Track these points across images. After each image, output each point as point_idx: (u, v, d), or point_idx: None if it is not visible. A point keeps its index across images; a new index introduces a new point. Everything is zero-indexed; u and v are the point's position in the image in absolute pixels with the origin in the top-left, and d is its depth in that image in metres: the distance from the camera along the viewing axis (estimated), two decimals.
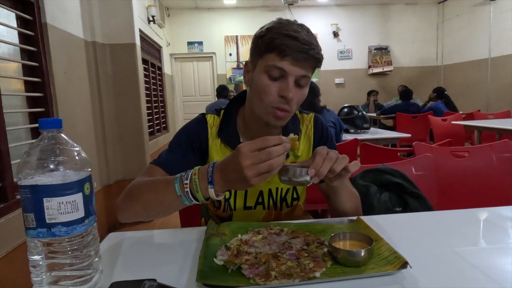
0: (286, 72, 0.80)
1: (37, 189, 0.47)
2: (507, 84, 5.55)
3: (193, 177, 0.68)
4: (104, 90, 2.95)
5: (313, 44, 0.80)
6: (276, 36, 0.79)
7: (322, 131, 1.01)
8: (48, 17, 2.11)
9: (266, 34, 0.82)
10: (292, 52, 0.78)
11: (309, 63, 0.81)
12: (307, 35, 0.80)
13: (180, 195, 0.69)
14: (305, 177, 0.69)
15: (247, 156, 0.62)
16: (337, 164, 0.70)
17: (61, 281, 0.49)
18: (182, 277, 0.60)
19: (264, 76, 0.82)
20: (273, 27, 0.82)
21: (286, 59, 0.79)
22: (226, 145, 0.94)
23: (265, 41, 0.81)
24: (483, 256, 0.65)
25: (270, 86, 0.82)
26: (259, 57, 0.84)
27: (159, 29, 5.90)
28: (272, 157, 0.62)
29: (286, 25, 0.81)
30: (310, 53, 0.79)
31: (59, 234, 0.48)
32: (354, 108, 3.04)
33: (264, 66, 0.82)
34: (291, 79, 0.81)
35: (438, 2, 7.24)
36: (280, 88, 0.81)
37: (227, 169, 0.65)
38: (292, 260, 0.61)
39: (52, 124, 0.49)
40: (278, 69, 0.80)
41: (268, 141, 0.63)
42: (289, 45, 0.78)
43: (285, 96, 0.81)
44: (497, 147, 1.49)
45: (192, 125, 0.97)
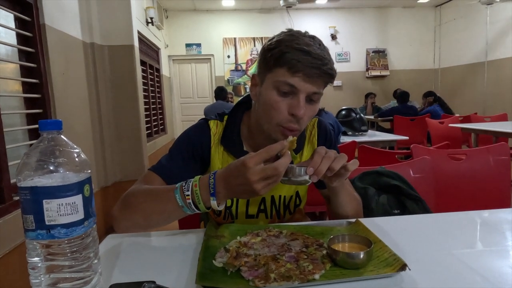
0: (297, 89, 0.76)
1: (36, 190, 0.47)
2: (503, 87, 5.59)
3: (194, 189, 0.67)
4: (102, 92, 2.94)
5: (326, 59, 0.76)
6: (287, 49, 0.75)
7: (326, 136, 0.99)
8: (47, 18, 2.11)
9: (275, 47, 0.77)
10: (304, 68, 0.74)
11: (321, 79, 0.77)
12: (319, 49, 0.76)
13: (182, 206, 0.68)
14: (304, 176, 0.68)
15: (255, 171, 0.62)
16: (336, 163, 0.70)
17: (60, 283, 0.49)
18: (181, 279, 0.60)
19: (273, 92, 0.78)
20: (283, 39, 0.77)
21: (298, 75, 0.75)
22: (229, 153, 0.92)
23: (275, 55, 0.76)
24: (481, 258, 0.65)
25: (279, 103, 0.78)
26: (268, 71, 0.79)
27: (158, 31, 5.90)
28: (279, 172, 0.63)
29: (298, 37, 0.76)
30: (323, 68, 0.75)
31: (58, 236, 0.48)
32: (352, 110, 3.05)
33: (273, 81, 0.78)
34: (302, 96, 0.76)
35: (435, 5, 7.29)
36: (290, 105, 0.77)
37: (233, 182, 0.65)
38: (291, 262, 0.61)
39: (52, 126, 0.49)
40: (289, 85, 0.76)
41: (272, 151, 0.64)
42: (300, 60, 0.74)
43: (295, 114, 0.77)
44: (494, 150, 1.50)
45: (194, 132, 0.94)
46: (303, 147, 0.96)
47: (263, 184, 0.63)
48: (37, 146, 0.49)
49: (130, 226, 0.77)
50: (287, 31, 0.81)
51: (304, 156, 0.96)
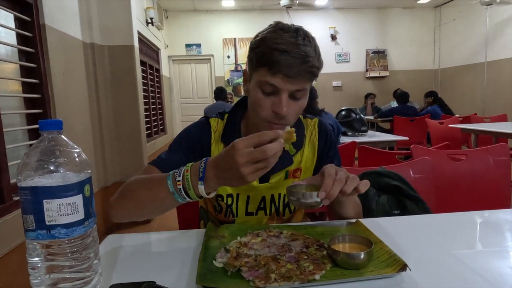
0: (278, 88, 0.78)
1: (37, 190, 0.47)
2: (503, 88, 5.60)
3: (185, 174, 0.66)
4: (102, 92, 2.94)
5: (307, 56, 0.75)
6: (267, 50, 0.76)
7: (327, 137, 1.00)
8: (47, 18, 2.11)
9: (258, 47, 0.79)
10: (283, 68, 0.75)
11: (303, 77, 0.77)
12: (302, 45, 0.76)
13: (173, 192, 0.67)
14: (315, 199, 0.67)
15: (242, 153, 0.60)
16: (348, 186, 0.68)
17: (60, 283, 0.49)
18: (181, 280, 0.60)
19: (258, 91, 0.80)
20: (265, 38, 0.78)
21: (278, 75, 0.76)
22: None
23: (257, 55, 0.79)
24: (481, 259, 0.65)
25: (263, 101, 0.80)
26: (254, 70, 0.82)
27: (158, 31, 5.91)
28: (267, 155, 0.60)
29: (279, 35, 0.77)
30: (303, 67, 0.75)
31: (58, 236, 0.48)
32: (352, 111, 3.05)
33: (257, 80, 0.80)
34: (284, 95, 0.78)
35: (435, 6, 7.30)
36: (273, 103, 0.79)
37: (221, 166, 0.63)
38: (291, 263, 0.61)
39: (53, 126, 0.49)
40: (270, 85, 0.78)
41: (264, 137, 0.62)
42: (279, 61, 0.75)
43: (278, 112, 0.79)
44: (494, 150, 1.50)
45: (195, 128, 0.95)
46: (303, 146, 0.97)
47: (251, 168, 0.60)
48: (37, 146, 0.49)
49: (124, 214, 0.76)
50: (273, 25, 0.81)
51: (305, 156, 0.96)
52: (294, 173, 0.96)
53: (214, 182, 0.65)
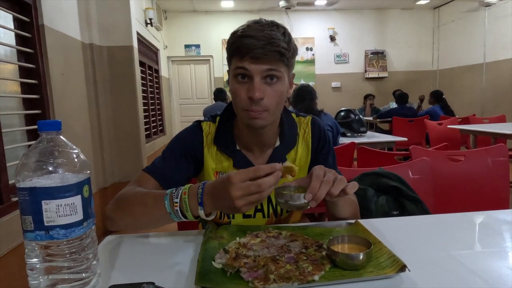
0: (249, 71, 0.79)
1: (35, 191, 0.46)
2: (502, 89, 5.61)
3: (183, 197, 0.68)
4: (101, 92, 2.94)
5: (272, 38, 0.78)
6: (234, 39, 0.81)
7: (320, 134, 0.99)
8: (46, 19, 2.11)
9: (229, 40, 0.83)
10: (249, 51, 0.77)
11: (270, 57, 0.78)
12: (269, 30, 0.78)
13: (170, 212, 0.69)
14: (302, 200, 0.67)
15: (238, 187, 0.63)
16: (335, 188, 0.69)
17: (58, 284, 0.49)
18: (180, 280, 0.60)
19: (234, 80, 0.83)
20: (235, 31, 0.82)
21: (245, 58, 0.79)
22: (222, 153, 0.93)
23: (228, 47, 0.83)
24: (480, 259, 0.65)
25: (239, 89, 0.82)
26: (229, 64, 0.86)
27: (157, 31, 5.91)
28: (262, 189, 0.62)
29: (248, 26, 0.81)
30: (268, 47, 0.77)
31: (57, 236, 0.48)
32: (351, 111, 3.06)
33: (232, 70, 0.83)
34: (256, 78, 0.79)
35: (434, 7, 7.32)
36: (248, 89, 0.81)
37: (217, 195, 0.66)
38: (290, 263, 0.61)
39: (52, 126, 0.49)
40: (241, 69, 0.80)
41: (260, 171, 0.64)
42: (244, 45, 0.78)
43: (251, 97, 0.79)
44: (492, 151, 1.50)
45: (187, 134, 0.96)
46: (296, 145, 0.96)
47: (245, 201, 0.63)
48: (36, 147, 0.49)
49: (121, 226, 0.80)
50: (248, 21, 0.84)
51: (299, 154, 0.96)
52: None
53: (210, 207, 0.68)
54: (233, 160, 0.92)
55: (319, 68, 7.30)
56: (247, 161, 0.92)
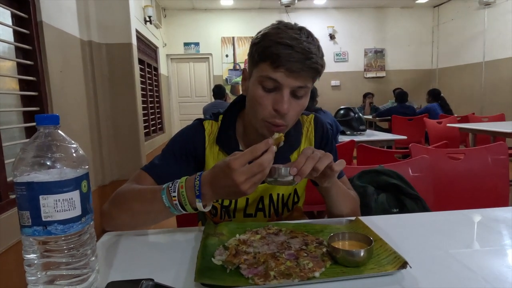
0: (280, 84, 0.75)
1: (33, 186, 0.46)
2: (501, 87, 5.61)
3: (180, 190, 0.67)
4: (100, 90, 2.93)
5: (311, 53, 0.73)
6: (270, 44, 0.74)
7: (323, 132, 0.98)
8: (44, 15, 2.09)
9: (260, 42, 0.76)
10: (286, 63, 0.72)
11: (306, 74, 0.75)
12: (306, 42, 0.74)
13: (169, 207, 0.68)
14: (289, 177, 0.67)
15: (240, 172, 0.61)
16: (320, 163, 0.69)
17: (56, 281, 0.49)
18: (179, 277, 0.59)
19: (259, 87, 0.77)
20: (268, 33, 0.76)
21: (280, 70, 0.73)
22: (225, 153, 0.91)
23: (259, 49, 0.76)
24: (478, 258, 0.65)
25: (263, 98, 0.77)
26: (254, 66, 0.79)
27: (156, 29, 5.89)
28: (264, 167, 0.62)
29: (283, 31, 0.75)
30: (307, 63, 0.73)
31: (55, 232, 0.47)
32: (351, 110, 3.05)
33: (258, 76, 0.77)
34: (286, 91, 0.75)
35: (434, 6, 7.31)
36: (274, 100, 0.76)
37: (219, 184, 0.64)
38: (291, 260, 0.61)
39: (49, 120, 0.49)
40: (272, 80, 0.75)
41: (257, 151, 0.63)
42: (282, 55, 0.72)
43: (279, 110, 0.76)
44: (492, 149, 1.50)
45: (188, 132, 0.93)
46: (300, 144, 0.95)
47: (250, 183, 0.62)
48: (33, 141, 0.49)
49: (118, 224, 0.78)
50: (276, 23, 0.79)
51: None
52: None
53: (210, 197, 0.67)
54: None
55: None
56: (250, 161, 0.90)
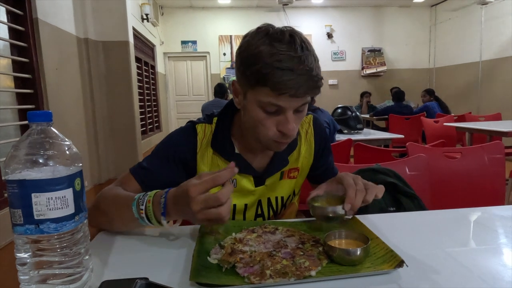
0: (283, 108, 0.72)
1: (25, 184, 0.45)
2: (497, 87, 5.63)
3: (147, 205, 0.67)
4: (96, 88, 2.91)
5: (312, 70, 0.69)
6: (268, 69, 0.68)
7: (321, 134, 0.98)
8: (40, 12, 2.08)
9: (254, 64, 0.69)
10: (290, 89, 0.68)
11: (311, 94, 0.72)
12: (304, 56, 0.68)
13: (137, 218, 0.69)
14: (340, 212, 0.71)
15: (197, 201, 0.60)
16: (369, 195, 0.72)
17: (49, 280, 0.48)
18: (175, 276, 0.59)
19: (259, 110, 0.74)
20: (261, 53, 0.69)
21: (283, 97, 0.69)
22: (219, 156, 0.88)
23: (255, 73, 0.70)
24: (474, 256, 0.65)
25: (266, 121, 0.74)
26: (250, 87, 0.74)
27: (153, 27, 5.86)
28: (221, 202, 0.59)
29: (277, 50, 0.68)
30: (310, 84, 0.69)
31: (47, 231, 0.46)
32: (348, 108, 3.05)
33: (257, 100, 0.73)
34: (290, 113, 0.73)
35: (431, 5, 7.32)
36: (278, 122, 0.74)
37: (180, 206, 0.64)
38: (287, 259, 0.60)
39: (42, 117, 0.48)
40: (275, 106, 0.72)
41: (219, 180, 0.61)
42: (283, 82, 0.67)
43: (284, 132, 0.73)
44: (489, 148, 1.50)
45: (179, 138, 0.89)
46: (298, 145, 0.94)
47: (204, 215, 0.61)
48: (26, 138, 0.48)
49: (97, 225, 0.79)
50: (262, 32, 0.72)
51: (302, 154, 0.94)
52: (289, 173, 0.94)
53: (175, 216, 0.67)
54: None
55: None
56: (247, 165, 0.88)
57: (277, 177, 0.92)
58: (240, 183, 0.89)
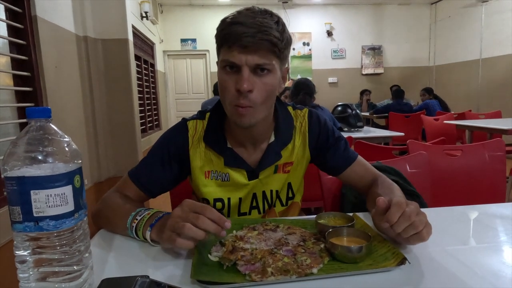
0: (236, 64, 0.73)
1: (24, 181, 0.45)
2: (497, 84, 5.62)
3: (145, 217, 0.70)
4: (95, 86, 2.90)
5: (264, 26, 0.71)
6: (223, 26, 0.74)
7: (320, 126, 0.95)
8: (38, 10, 2.06)
9: (218, 27, 0.76)
10: (237, 40, 0.71)
11: (261, 47, 0.72)
12: (261, 17, 0.72)
13: (128, 227, 0.71)
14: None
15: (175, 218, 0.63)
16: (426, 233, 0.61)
17: (49, 278, 0.47)
18: (175, 274, 0.58)
19: (222, 72, 0.77)
20: (224, 18, 0.76)
21: (234, 48, 0.72)
22: (211, 150, 0.89)
23: (217, 34, 0.77)
24: (474, 254, 0.65)
25: (227, 82, 0.76)
26: (218, 54, 0.79)
27: (152, 25, 5.84)
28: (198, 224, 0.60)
29: (237, 13, 0.74)
30: (258, 35, 0.70)
31: (47, 228, 0.46)
32: (348, 106, 3.05)
33: (220, 61, 0.78)
34: (245, 69, 0.73)
35: (431, 3, 7.30)
36: (236, 81, 0.75)
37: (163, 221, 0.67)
38: (288, 256, 0.60)
39: (41, 113, 0.47)
40: (229, 62, 0.74)
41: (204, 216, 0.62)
42: (233, 32, 0.71)
43: (239, 89, 0.73)
44: (489, 145, 1.50)
45: (171, 135, 0.92)
46: (292, 138, 0.93)
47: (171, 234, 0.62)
48: (24, 135, 0.47)
49: (102, 227, 0.81)
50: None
51: (296, 148, 0.93)
52: (284, 167, 0.93)
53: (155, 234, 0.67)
54: (224, 159, 0.89)
55: (316, 63, 7.28)
56: (239, 159, 0.89)
57: (271, 171, 0.92)
58: (233, 177, 0.90)
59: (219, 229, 0.61)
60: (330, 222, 0.73)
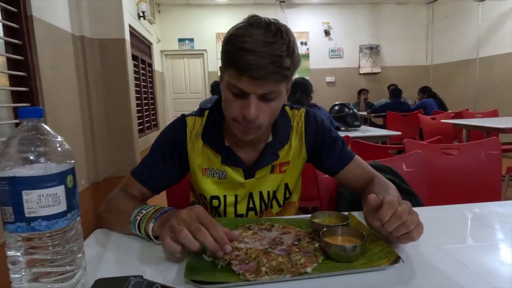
0: (245, 92, 0.73)
1: (15, 181, 0.44)
2: (494, 84, 5.64)
3: (151, 210, 0.69)
4: (92, 86, 2.89)
5: (276, 56, 0.68)
6: (233, 50, 0.71)
7: (317, 126, 0.94)
8: (34, 9, 2.06)
9: (225, 45, 0.74)
10: (249, 70, 0.69)
11: (272, 78, 0.71)
12: (272, 42, 0.69)
13: (131, 221, 0.70)
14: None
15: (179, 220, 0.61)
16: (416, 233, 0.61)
17: (41, 278, 0.47)
18: (169, 273, 0.58)
19: (228, 92, 0.76)
20: (233, 35, 0.72)
21: (244, 78, 0.70)
22: (210, 148, 0.90)
23: (224, 54, 0.74)
24: (471, 253, 0.65)
25: (232, 103, 0.76)
26: (224, 69, 0.77)
27: (150, 25, 5.83)
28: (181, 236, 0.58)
29: (248, 33, 0.69)
30: (271, 68, 0.68)
31: (39, 228, 0.46)
32: (345, 106, 3.05)
33: (226, 82, 0.76)
34: (252, 98, 0.73)
35: (428, 2, 7.32)
36: (242, 106, 0.74)
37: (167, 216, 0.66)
38: (283, 256, 0.60)
39: (33, 113, 0.47)
40: (237, 88, 0.73)
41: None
42: (244, 62, 0.68)
43: (246, 116, 0.74)
44: (486, 144, 1.50)
45: (170, 130, 0.93)
46: (289, 138, 0.93)
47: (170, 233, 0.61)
48: (16, 135, 0.47)
49: (109, 228, 0.80)
50: (246, 19, 0.75)
51: (292, 148, 0.93)
52: (280, 167, 0.93)
53: (157, 227, 0.67)
54: (221, 157, 0.89)
55: (314, 62, 7.28)
56: (236, 158, 0.89)
57: (267, 171, 0.92)
58: (230, 175, 0.90)
59: (217, 248, 0.58)
60: (325, 221, 0.73)
